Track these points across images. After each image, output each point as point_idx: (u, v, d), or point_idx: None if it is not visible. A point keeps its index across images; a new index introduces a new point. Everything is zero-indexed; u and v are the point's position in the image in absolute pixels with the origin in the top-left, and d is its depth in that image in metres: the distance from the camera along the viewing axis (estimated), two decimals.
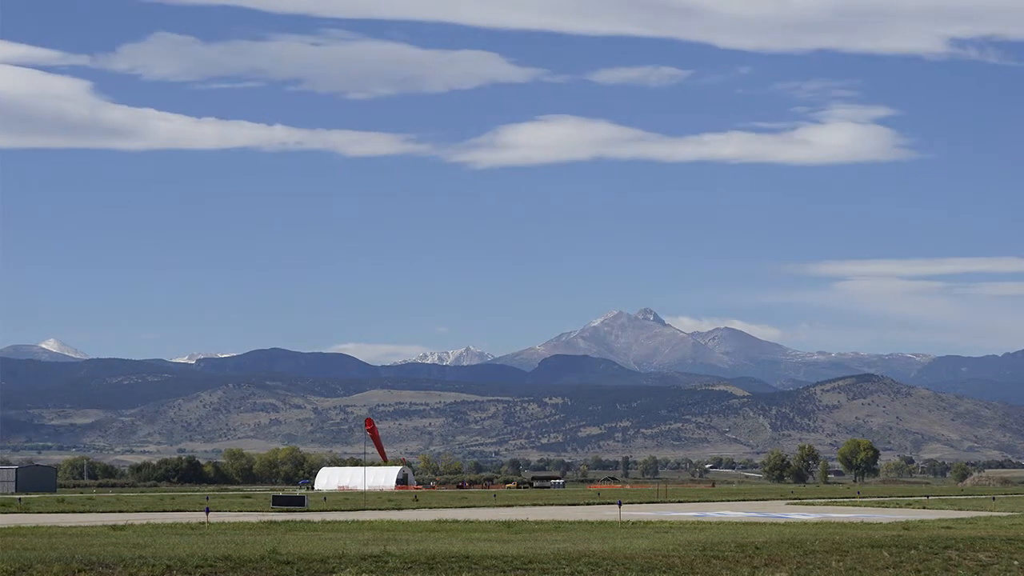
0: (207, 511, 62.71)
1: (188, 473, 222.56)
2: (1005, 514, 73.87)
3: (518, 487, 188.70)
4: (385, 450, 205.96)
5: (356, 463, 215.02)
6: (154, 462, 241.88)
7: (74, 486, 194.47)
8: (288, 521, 60.51)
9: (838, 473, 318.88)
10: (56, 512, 77.90)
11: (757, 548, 40.02)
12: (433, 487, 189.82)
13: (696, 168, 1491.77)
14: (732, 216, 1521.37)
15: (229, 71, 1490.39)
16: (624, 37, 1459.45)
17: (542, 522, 59.22)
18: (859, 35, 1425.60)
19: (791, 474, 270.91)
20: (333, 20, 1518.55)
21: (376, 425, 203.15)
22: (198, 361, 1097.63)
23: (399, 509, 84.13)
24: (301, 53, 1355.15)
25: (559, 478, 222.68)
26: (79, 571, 32.68)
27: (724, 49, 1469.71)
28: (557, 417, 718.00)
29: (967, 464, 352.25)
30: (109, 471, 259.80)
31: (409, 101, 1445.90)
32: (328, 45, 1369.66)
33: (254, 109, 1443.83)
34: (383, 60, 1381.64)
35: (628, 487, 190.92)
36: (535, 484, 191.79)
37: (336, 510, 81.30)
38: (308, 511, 76.87)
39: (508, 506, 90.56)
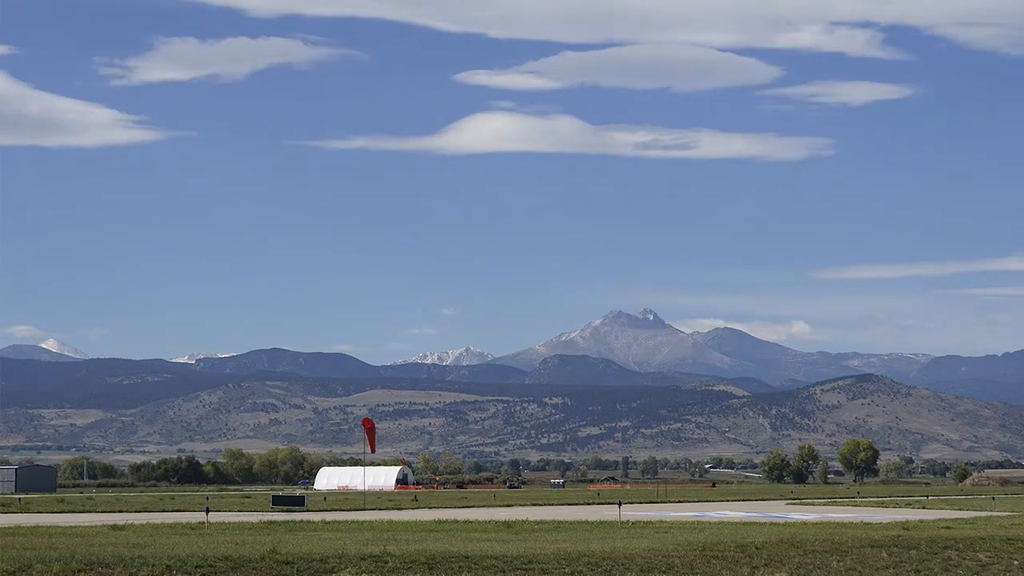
0: (207, 511, 62.63)
1: (188, 473, 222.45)
2: (1005, 514, 73.81)
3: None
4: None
5: (356, 463, 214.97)
6: (154, 462, 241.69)
7: (74, 486, 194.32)
8: (288, 521, 60.49)
9: (838, 473, 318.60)
10: (56, 512, 77.82)
11: (757, 548, 40.01)
12: (434, 487, 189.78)
13: (697, 167, 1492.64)
14: (733, 216, 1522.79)
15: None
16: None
17: (542, 522, 59.19)
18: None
19: (791, 474, 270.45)
20: None
21: (375, 424, 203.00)
22: (198, 361, 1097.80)
23: (399, 509, 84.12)
24: None
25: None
26: (79, 571, 32.68)
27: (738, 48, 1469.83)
28: (557, 417, 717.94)
29: (967, 464, 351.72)
30: (109, 471, 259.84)
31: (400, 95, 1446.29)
32: None
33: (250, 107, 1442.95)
34: None
35: (628, 487, 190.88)
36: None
37: (336, 510, 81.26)
38: (308, 511, 76.86)
39: (508, 506, 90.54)
